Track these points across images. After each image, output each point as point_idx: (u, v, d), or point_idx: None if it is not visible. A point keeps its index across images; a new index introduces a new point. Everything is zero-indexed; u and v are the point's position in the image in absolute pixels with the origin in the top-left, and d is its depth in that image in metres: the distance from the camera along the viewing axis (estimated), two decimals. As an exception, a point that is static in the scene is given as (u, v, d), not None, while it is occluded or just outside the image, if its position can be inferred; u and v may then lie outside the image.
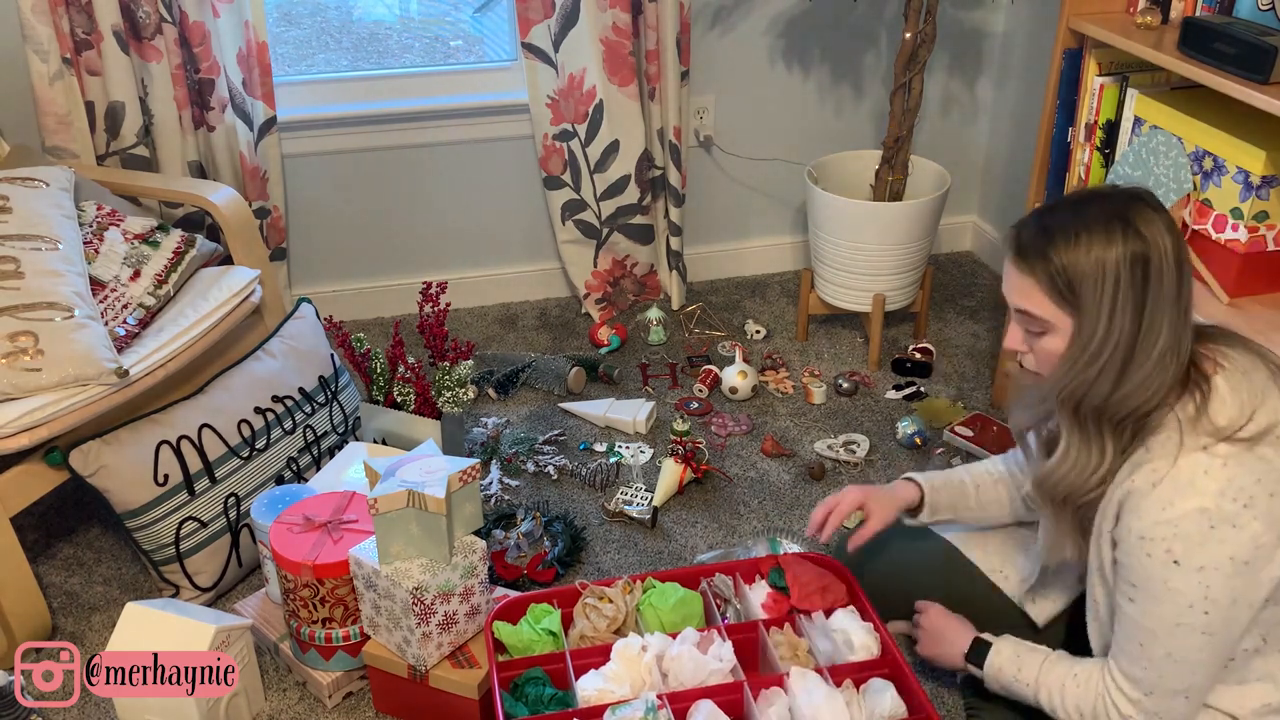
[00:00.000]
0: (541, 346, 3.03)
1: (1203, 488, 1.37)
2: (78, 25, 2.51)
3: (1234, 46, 1.89)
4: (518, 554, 2.26)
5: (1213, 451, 1.38)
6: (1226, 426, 1.39)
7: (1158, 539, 1.39)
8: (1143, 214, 1.39)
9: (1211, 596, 1.39)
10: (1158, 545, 1.40)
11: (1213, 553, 1.38)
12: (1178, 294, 1.39)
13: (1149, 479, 1.41)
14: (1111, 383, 1.41)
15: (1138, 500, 1.41)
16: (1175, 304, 1.39)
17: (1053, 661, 1.62)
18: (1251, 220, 1.95)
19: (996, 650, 1.69)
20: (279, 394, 2.24)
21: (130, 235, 2.28)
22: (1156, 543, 1.40)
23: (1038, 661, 1.63)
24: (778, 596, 1.91)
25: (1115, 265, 1.38)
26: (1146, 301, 1.38)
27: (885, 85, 3.14)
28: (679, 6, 2.78)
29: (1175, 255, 1.39)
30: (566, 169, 2.97)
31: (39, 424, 1.94)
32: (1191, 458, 1.39)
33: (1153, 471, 1.41)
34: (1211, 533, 1.37)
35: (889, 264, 2.78)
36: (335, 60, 2.98)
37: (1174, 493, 1.39)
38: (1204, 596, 1.39)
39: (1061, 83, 2.33)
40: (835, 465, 2.53)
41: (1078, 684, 1.57)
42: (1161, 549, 1.40)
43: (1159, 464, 1.41)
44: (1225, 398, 1.40)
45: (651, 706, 1.63)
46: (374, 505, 1.75)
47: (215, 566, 2.14)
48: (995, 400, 2.72)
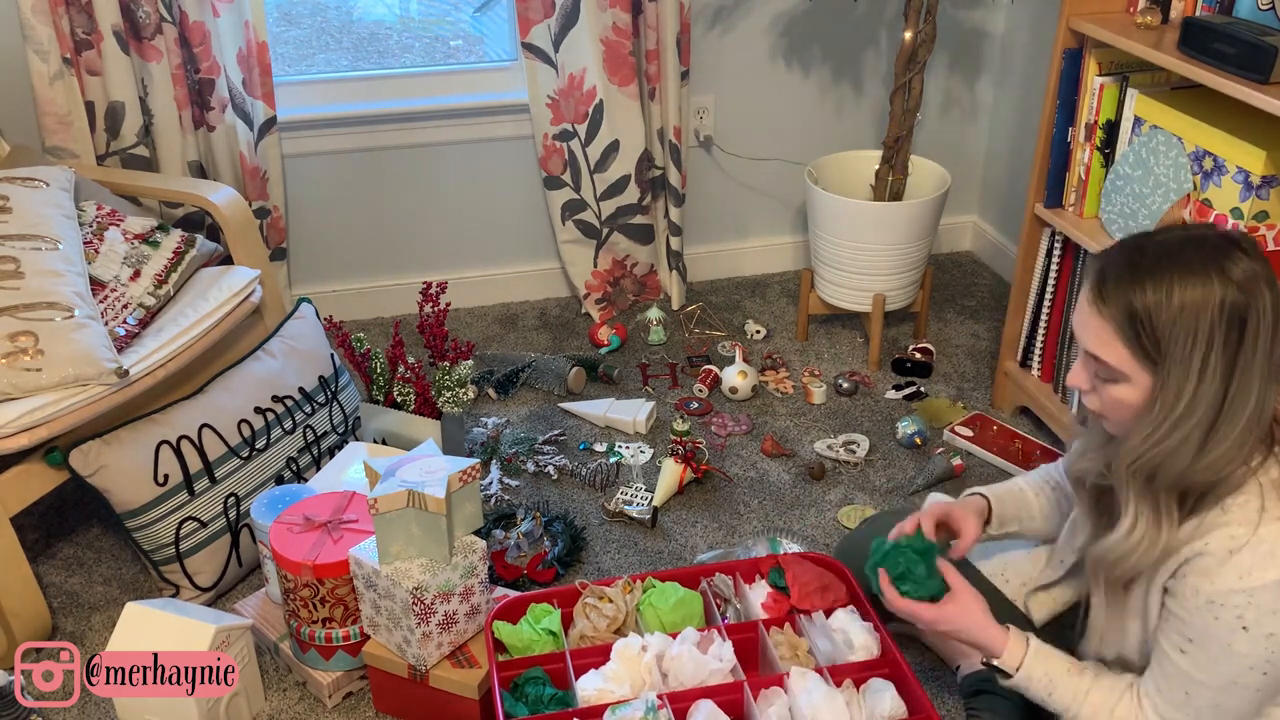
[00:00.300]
0: (541, 346, 3.03)
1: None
2: (78, 25, 2.51)
3: (1234, 46, 1.89)
4: (518, 554, 2.26)
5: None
6: None
7: (1230, 606, 1.33)
8: (1241, 263, 1.27)
9: (1274, 660, 1.34)
10: (1229, 611, 1.33)
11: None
12: (1270, 352, 1.29)
13: (1225, 545, 1.33)
14: (1193, 454, 1.31)
15: (1211, 564, 1.34)
16: (1268, 364, 1.29)
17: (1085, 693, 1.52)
18: (1251, 220, 1.95)
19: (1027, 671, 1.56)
20: (279, 394, 2.24)
21: (130, 235, 2.28)
22: (1228, 609, 1.33)
23: (1070, 690, 1.53)
24: (778, 596, 1.91)
25: (1211, 320, 1.26)
26: (1238, 362, 1.27)
27: (885, 85, 3.14)
28: (679, 6, 2.78)
29: (1275, 311, 1.27)
30: (566, 169, 2.97)
31: (39, 424, 1.94)
32: (1274, 527, 1.31)
33: (1231, 538, 1.33)
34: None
35: (889, 264, 2.78)
36: (335, 60, 2.98)
37: (1253, 562, 1.31)
38: (1266, 660, 1.34)
39: (1061, 83, 2.33)
40: (835, 465, 2.53)
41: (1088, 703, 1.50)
42: (1232, 615, 1.33)
43: (1237, 530, 1.32)
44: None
45: (651, 706, 1.63)
46: (374, 505, 1.75)
47: (215, 566, 2.14)
48: (995, 400, 2.72)
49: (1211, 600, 1.34)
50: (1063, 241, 2.43)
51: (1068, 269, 2.44)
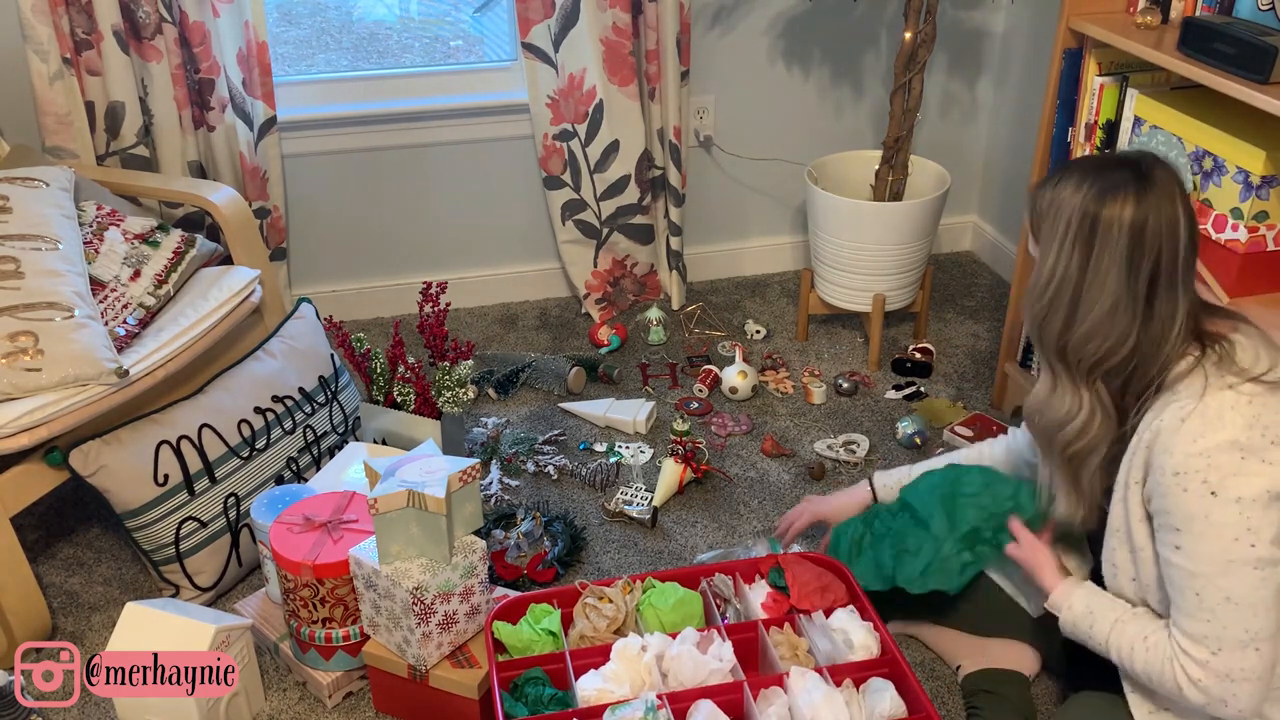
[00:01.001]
0: (541, 346, 3.03)
1: (1231, 420, 1.41)
2: (78, 25, 2.51)
3: (1234, 46, 1.89)
4: (518, 554, 2.26)
5: (1239, 389, 1.43)
6: (1251, 368, 1.44)
7: (1192, 472, 1.41)
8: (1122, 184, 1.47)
9: (1254, 528, 1.40)
10: (1193, 479, 1.41)
11: (1248, 484, 1.39)
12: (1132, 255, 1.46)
13: (1177, 415, 1.44)
14: (1062, 322, 1.52)
15: (1168, 438, 1.44)
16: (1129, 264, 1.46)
17: (1125, 622, 1.57)
18: (1251, 220, 1.95)
19: (1069, 606, 1.65)
20: (279, 394, 2.24)
21: (130, 235, 2.28)
22: (1191, 476, 1.41)
23: (1110, 621, 1.59)
24: (778, 596, 1.91)
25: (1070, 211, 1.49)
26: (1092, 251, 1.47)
27: (885, 85, 3.14)
28: (679, 6, 2.78)
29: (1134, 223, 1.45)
30: (566, 169, 2.97)
31: (39, 424, 1.94)
32: (1219, 395, 1.43)
33: (1180, 408, 1.44)
34: (1243, 464, 1.39)
35: (889, 264, 2.78)
36: (335, 60, 2.99)
37: (1203, 425, 1.41)
38: (1247, 528, 1.40)
39: (1061, 83, 2.33)
40: (835, 465, 2.53)
41: (1147, 648, 1.52)
42: (1197, 481, 1.41)
43: (1186, 402, 1.44)
44: (1247, 348, 1.47)
45: (651, 706, 1.63)
46: (374, 505, 1.75)
47: (215, 566, 2.14)
48: (995, 400, 2.72)
49: (1176, 472, 1.43)
50: (1063, 241, 2.43)
51: (1068, 269, 2.44)
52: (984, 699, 1.85)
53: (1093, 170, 1.51)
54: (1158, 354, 1.49)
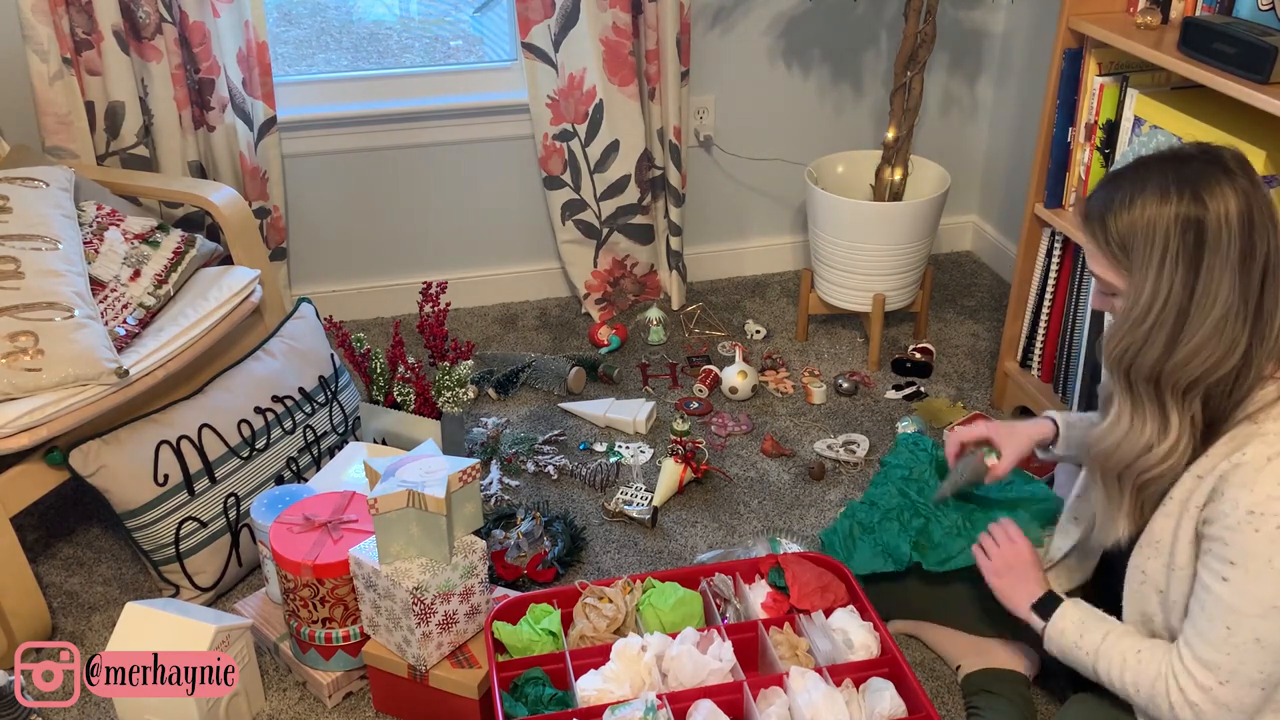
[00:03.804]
0: (541, 346, 3.03)
1: None
2: (78, 25, 2.51)
3: (1234, 46, 1.89)
4: (518, 554, 2.26)
5: None
6: None
7: (1270, 514, 1.34)
8: (1209, 176, 1.35)
9: None
10: (1268, 521, 1.34)
11: None
12: (1244, 256, 1.34)
13: (1263, 452, 1.36)
14: (1163, 347, 1.38)
15: (1249, 474, 1.36)
16: (1242, 267, 1.34)
17: (1117, 636, 1.55)
18: (1251, 220, 1.95)
19: (1062, 613, 1.61)
20: (279, 394, 2.24)
21: (130, 235, 2.29)
22: (1268, 518, 1.34)
23: (1101, 633, 1.56)
24: (777, 596, 1.91)
25: (1166, 229, 1.35)
26: (1200, 267, 1.34)
27: (885, 85, 3.14)
28: (679, 6, 2.78)
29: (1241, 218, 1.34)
30: (566, 169, 2.97)
31: (39, 424, 1.94)
32: None
33: (1268, 446, 1.36)
34: None
35: (889, 264, 2.78)
36: (335, 60, 2.99)
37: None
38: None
39: (1061, 83, 2.33)
40: (835, 465, 2.53)
41: (1139, 661, 1.50)
42: (1273, 524, 1.34)
43: (1274, 439, 1.36)
44: None
45: (651, 706, 1.63)
46: (374, 505, 1.75)
47: (215, 566, 2.14)
48: (995, 400, 2.72)
49: (1252, 510, 1.35)
50: (1063, 241, 2.43)
51: (1067, 269, 2.44)
52: (984, 699, 1.85)
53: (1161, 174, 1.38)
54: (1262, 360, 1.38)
